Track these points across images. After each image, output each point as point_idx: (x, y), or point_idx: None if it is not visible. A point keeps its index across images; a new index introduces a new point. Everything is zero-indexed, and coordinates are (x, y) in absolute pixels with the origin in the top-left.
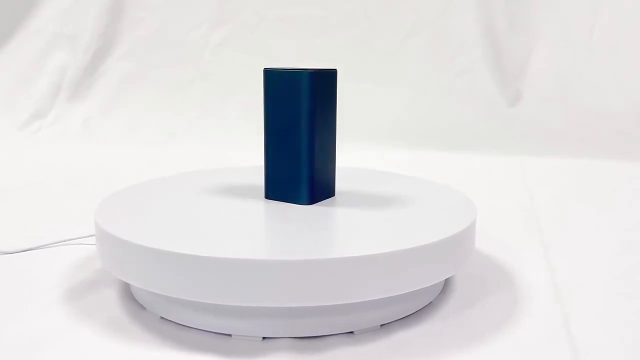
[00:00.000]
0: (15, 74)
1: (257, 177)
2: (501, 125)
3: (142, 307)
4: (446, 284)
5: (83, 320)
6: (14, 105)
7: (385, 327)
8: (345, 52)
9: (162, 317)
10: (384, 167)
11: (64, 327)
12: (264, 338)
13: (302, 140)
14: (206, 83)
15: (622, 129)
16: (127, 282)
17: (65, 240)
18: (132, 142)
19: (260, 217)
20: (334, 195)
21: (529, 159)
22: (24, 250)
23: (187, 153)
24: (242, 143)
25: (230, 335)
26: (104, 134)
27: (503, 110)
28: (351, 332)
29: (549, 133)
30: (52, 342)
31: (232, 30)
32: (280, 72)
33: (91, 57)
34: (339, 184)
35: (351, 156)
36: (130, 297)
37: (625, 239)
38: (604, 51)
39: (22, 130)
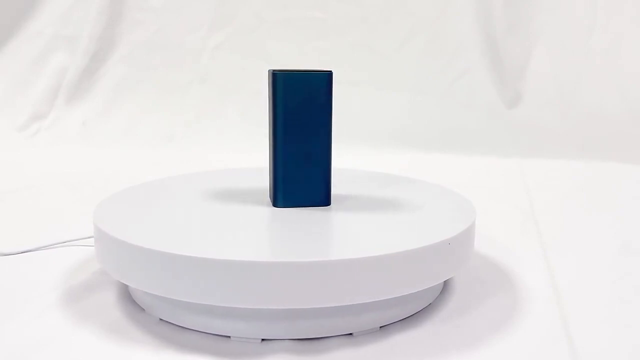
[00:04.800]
0: (14, 75)
1: (257, 179)
2: (500, 127)
3: (141, 309)
4: (445, 286)
5: (81, 322)
6: (13, 107)
7: (385, 328)
8: (344, 54)
9: (160, 319)
10: (383, 169)
11: (63, 329)
12: (263, 340)
13: (277, 141)
14: (205, 85)
15: (621, 131)
16: (126, 283)
17: (64, 242)
18: (130, 145)
19: (259, 219)
20: (328, 204)
21: (528, 160)
22: (23, 252)
23: (186, 156)
24: (241, 145)
25: (229, 337)
26: (103, 136)
27: (502, 112)
28: (350, 333)
29: (548, 135)
30: (50, 344)
31: (231, 33)
32: (271, 72)
33: (90, 60)
34: (338, 186)
35: (350, 158)
36: (129, 298)
37: (625, 240)
38: (602, 53)
39: (21, 132)
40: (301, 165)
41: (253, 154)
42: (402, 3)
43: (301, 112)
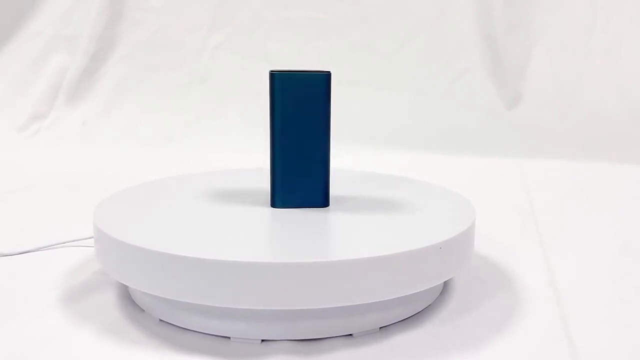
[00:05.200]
0: (14, 75)
1: (257, 179)
2: (500, 127)
3: (141, 310)
4: (445, 287)
5: (81, 322)
6: (13, 107)
7: (384, 329)
8: (344, 54)
9: (160, 320)
10: (383, 169)
11: (63, 329)
12: (262, 340)
13: (276, 142)
14: (205, 85)
15: (621, 131)
16: (126, 284)
17: (63, 242)
18: (130, 145)
19: (258, 219)
20: (327, 205)
21: (528, 161)
22: (23, 252)
23: (186, 156)
24: (241, 145)
25: (229, 337)
26: (103, 136)
27: (502, 112)
28: (350, 334)
29: (548, 135)
30: (50, 344)
31: (231, 33)
32: (270, 73)
33: (90, 60)
34: (337, 187)
35: (350, 158)
36: (128, 299)
37: (625, 240)
38: (602, 53)
39: (20, 132)
40: (300, 166)
41: (253, 154)
42: (402, 3)
43: (300, 112)
